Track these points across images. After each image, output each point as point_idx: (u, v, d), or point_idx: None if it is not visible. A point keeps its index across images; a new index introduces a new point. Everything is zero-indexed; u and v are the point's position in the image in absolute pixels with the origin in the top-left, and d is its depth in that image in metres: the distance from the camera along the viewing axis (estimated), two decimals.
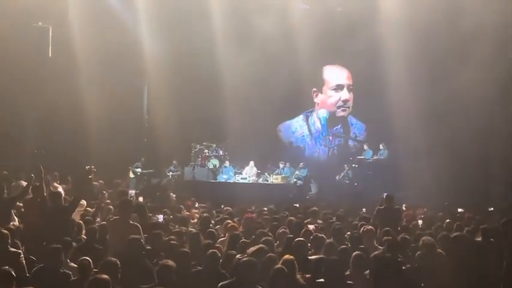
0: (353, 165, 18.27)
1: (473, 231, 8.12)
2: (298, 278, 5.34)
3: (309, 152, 20.11)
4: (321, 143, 20.15)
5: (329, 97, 20.14)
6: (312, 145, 20.23)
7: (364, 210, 11.67)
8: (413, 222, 10.20)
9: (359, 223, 8.57)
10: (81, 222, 7.83)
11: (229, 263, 5.84)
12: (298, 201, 14.08)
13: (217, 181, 17.36)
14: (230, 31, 16.88)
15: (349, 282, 5.50)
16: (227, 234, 7.45)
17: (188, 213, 10.62)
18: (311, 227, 8.02)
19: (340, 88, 20.05)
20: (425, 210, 12.50)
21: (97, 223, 8.06)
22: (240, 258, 5.72)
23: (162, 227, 7.79)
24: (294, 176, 17.73)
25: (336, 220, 8.95)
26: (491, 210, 12.49)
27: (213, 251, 5.83)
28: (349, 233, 7.76)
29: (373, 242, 7.46)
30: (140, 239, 6.27)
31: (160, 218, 8.80)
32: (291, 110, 19.94)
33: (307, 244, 6.55)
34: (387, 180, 15.46)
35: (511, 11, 14.91)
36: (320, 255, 6.19)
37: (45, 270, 5.56)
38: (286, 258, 5.41)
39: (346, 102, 20.07)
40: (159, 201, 11.81)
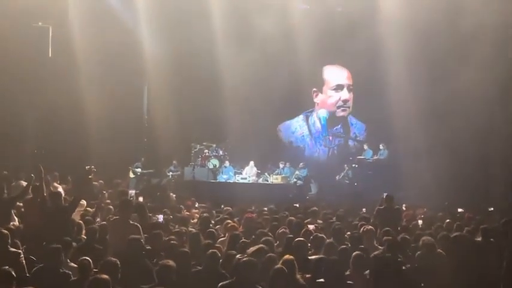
0: (353, 165, 18.25)
1: (473, 231, 8.12)
2: (298, 278, 5.34)
3: (309, 152, 20.10)
4: (321, 143, 20.14)
5: (329, 97, 20.14)
6: (312, 145, 20.22)
7: (364, 210, 11.66)
8: (413, 222, 10.20)
9: (359, 223, 8.56)
10: (81, 222, 7.83)
11: (229, 263, 5.84)
12: (298, 201, 14.07)
13: (217, 181, 17.36)
14: (230, 31, 16.88)
15: (349, 282, 5.50)
16: (227, 234, 7.45)
17: (188, 213, 10.62)
18: (311, 227, 8.01)
19: (340, 88, 20.05)
20: (425, 210, 12.48)
21: (97, 223, 8.06)
22: (240, 258, 5.71)
23: (162, 227, 7.78)
24: (294, 176, 17.71)
25: (336, 220, 8.94)
26: (491, 210, 12.48)
27: (213, 251, 5.83)
28: (349, 233, 7.75)
29: (373, 242, 7.46)
30: (140, 239, 6.27)
31: (160, 218, 8.80)
32: (291, 110, 19.93)
33: (307, 244, 6.55)
34: (387, 180, 15.46)
35: (511, 11, 14.91)
36: (320, 255, 6.19)
37: (45, 270, 5.56)
38: (286, 258, 5.40)
39: (346, 102, 20.06)
40: (159, 201, 11.82)
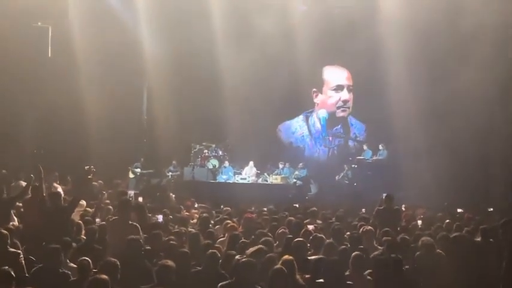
0: (352, 165, 18.25)
1: (472, 232, 8.11)
2: (298, 278, 5.34)
3: (308, 152, 20.10)
4: (320, 143, 20.14)
5: (329, 97, 20.14)
6: (312, 145, 20.21)
7: (363, 211, 11.63)
8: (413, 223, 10.18)
9: (358, 223, 8.56)
10: (81, 223, 7.81)
11: (229, 264, 5.84)
12: (297, 201, 14.04)
13: (217, 181, 17.37)
14: (230, 31, 16.89)
15: (349, 283, 5.49)
16: (227, 235, 7.44)
17: (188, 213, 10.60)
18: (310, 227, 7.99)
19: (340, 88, 20.04)
20: (424, 211, 12.46)
21: (96, 223, 8.05)
22: (239, 259, 5.72)
23: (162, 227, 7.77)
24: (293, 176, 17.72)
25: (336, 220, 8.93)
26: (491, 210, 12.45)
27: (212, 251, 5.82)
28: (349, 233, 7.74)
29: (372, 243, 7.45)
30: (139, 239, 6.25)
31: (160, 218, 8.79)
32: (291, 110, 19.94)
33: (307, 244, 6.53)
34: (387, 180, 15.45)
35: (511, 11, 14.91)
36: (319, 256, 6.18)
37: (45, 270, 5.55)
38: (285, 258, 5.40)
39: (346, 102, 20.06)
40: (159, 202, 11.82)
